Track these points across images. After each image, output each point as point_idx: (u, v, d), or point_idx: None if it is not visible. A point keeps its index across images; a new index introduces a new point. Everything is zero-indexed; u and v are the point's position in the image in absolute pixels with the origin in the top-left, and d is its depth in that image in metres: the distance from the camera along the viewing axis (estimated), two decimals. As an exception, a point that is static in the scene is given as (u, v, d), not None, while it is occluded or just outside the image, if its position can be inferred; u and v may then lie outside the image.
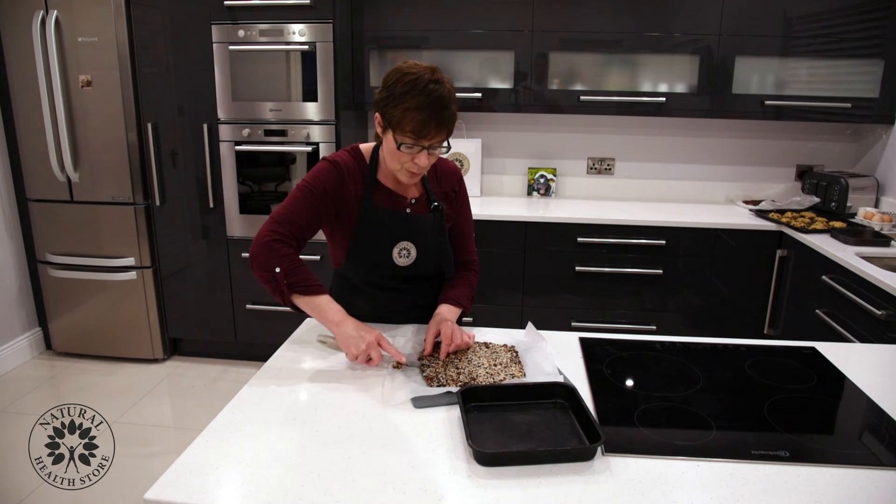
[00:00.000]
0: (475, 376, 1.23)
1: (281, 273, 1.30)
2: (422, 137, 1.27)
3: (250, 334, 3.16)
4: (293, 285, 1.31)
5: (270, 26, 2.78)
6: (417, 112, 1.25)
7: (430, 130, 1.27)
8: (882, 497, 0.90)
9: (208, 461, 0.96)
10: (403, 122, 1.26)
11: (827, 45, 2.84)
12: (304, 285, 1.32)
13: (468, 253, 1.60)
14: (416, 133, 1.26)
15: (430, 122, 1.25)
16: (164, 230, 3.08)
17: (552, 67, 2.99)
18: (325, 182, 1.39)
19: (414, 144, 1.29)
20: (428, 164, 1.33)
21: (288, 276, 1.31)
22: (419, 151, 1.30)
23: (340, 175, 1.40)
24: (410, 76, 1.26)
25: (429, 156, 1.32)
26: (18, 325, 3.23)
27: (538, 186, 3.38)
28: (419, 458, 0.98)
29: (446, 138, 1.31)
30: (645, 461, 0.98)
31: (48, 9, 2.79)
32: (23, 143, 3.00)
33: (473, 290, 1.56)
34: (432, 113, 1.25)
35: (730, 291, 2.85)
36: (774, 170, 3.30)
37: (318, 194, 1.38)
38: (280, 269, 1.30)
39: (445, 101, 1.26)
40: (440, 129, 1.28)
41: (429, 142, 1.29)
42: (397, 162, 1.34)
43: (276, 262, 1.31)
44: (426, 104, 1.25)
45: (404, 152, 1.30)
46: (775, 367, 1.35)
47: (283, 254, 1.32)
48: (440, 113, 1.26)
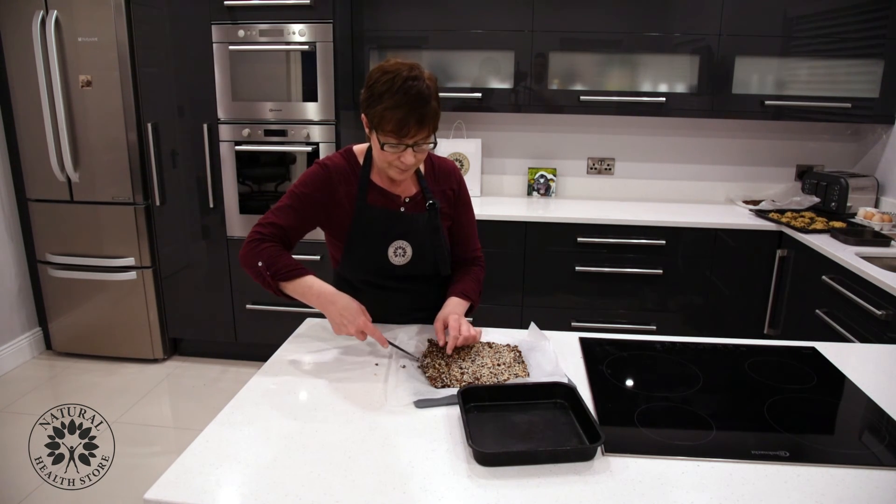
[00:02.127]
0: (479, 376, 1.23)
1: (263, 266, 1.35)
2: (403, 136, 1.27)
3: (250, 334, 3.16)
4: (276, 274, 1.35)
5: (270, 26, 2.78)
6: (396, 111, 1.25)
7: (411, 129, 1.27)
8: (882, 497, 0.90)
9: (208, 461, 0.96)
10: (383, 122, 1.27)
11: (827, 45, 2.84)
12: (285, 272, 1.35)
13: (473, 250, 1.60)
14: (397, 133, 1.27)
15: (408, 120, 1.25)
16: (164, 230, 3.08)
17: (552, 67, 2.99)
18: (312, 187, 1.42)
19: (397, 144, 1.29)
20: (416, 160, 1.33)
21: (270, 268, 1.35)
22: (403, 150, 1.30)
23: (329, 178, 1.42)
24: (388, 75, 1.26)
25: (415, 153, 1.31)
26: (18, 325, 3.23)
27: (538, 186, 3.38)
28: (419, 458, 0.98)
29: (430, 134, 1.31)
30: (645, 461, 0.98)
31: (48, 9, 2.79)
32: (23, 143, 3.00)
33: (481, 284, 1.56)
34: (410, 111, 1.25)
35: (730, 291, 2.85)
36: (774, 170, 3.30)
37: (304, 200, 1.42)
38: (262, 263, 1.35)
39: (424, 97, 1.26)
40: (421, 127, 1.27)
41: (411, 139, 1.29)
42: (384, 161, 1.34)
43: (257, 258, 1.36)
44: (404, 102, 1.24)
45: (389, 152, 1.31)
46: (775, 367, 1.35)
47: (262, 248, 1.37)
48: (419, 110, 1.25)
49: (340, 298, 1.33)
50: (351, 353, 1.38)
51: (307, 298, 1.35)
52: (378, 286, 1.50)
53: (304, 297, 1.36)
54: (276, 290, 1.37)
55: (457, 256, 1.57)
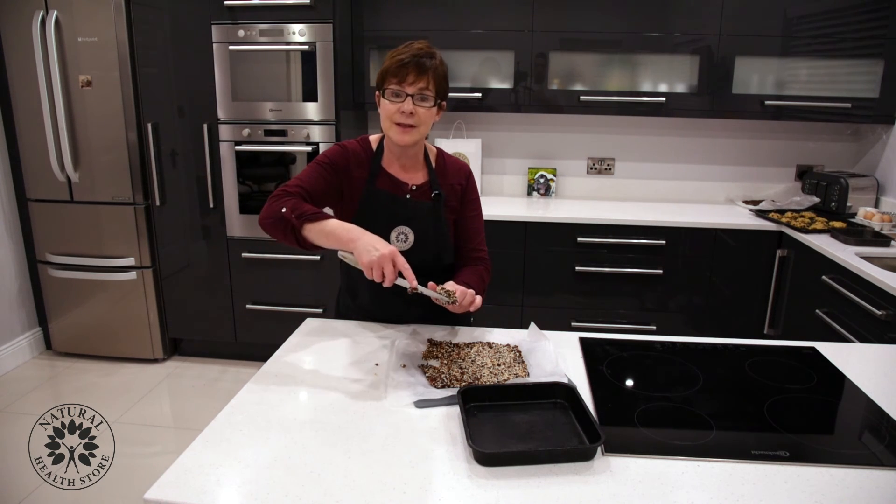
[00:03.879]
0: (479, 376, 1.23)
1: (287, 210, 1.33)
2: (402, 81, 1.36)
3: (250, 334, 3.16)
4: (301, 216, 1.32)
5: (270, 26, 2.78)
6: (398, 58, 1.36)
7: (409, 74, 1.35)
8: (882, 497, 0.90)
9: (208, 461, 0.96)
10: (387, 73, 1.37)
11: (827, 45, 2.84)
12: (310, 214, 1.32)
13: (479, 250, 1.61)
14: (396, 76, 1.36)
15: (409, 65, 1.34)
16: (164, 230, 3.08)
17: (552, 67, 2.99)
18: (335, 158, 1.48)
19: (398, 91, 1.37)
20: (417, 116, 1.38)
21: (294, 211, 1.32)
22: (404, 100, 1.37)
23: (348, 157, 1.50)
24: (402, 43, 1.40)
25: (415, 105, 1.37)
26: (18, 325, 3.23)
27: (538, 186, 3.38)
28: (419, 458, 0.97)
29: (429, 87, 1.38)
30: (645, 461, 0.98)
31: (48, 9, 2.79)
32: (23, 143, 3.00)
33: (485, 283, 1.58)
34: (412, 58, 1.35)
35: (730, 291, 2.85)
36: (774, 170, 3.30)
37: (327, 166, 1.47)
38: (286, 209, 1.33)
39: (428, 54, 1.37)
40: (419, 75, 1.36)
41: (410, 87, 1.36)
42: (388, 119, 1.40)
43: (281, 206, 1.34)
44: (406, 52, 1.37)
45: (390, 101, 1.38)
46: (775, 367, 1.35)
47: (285, 200, 1.36)
48: (420, 60, 1.35)
49: (369, 234, 1.28)
50: (351, 352, 1.38)
51: (336, 235, 1.29)
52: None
53: (331, 236, 1.30)
54: (299, 238, 1.33)
55: (462, 254, 1.59)
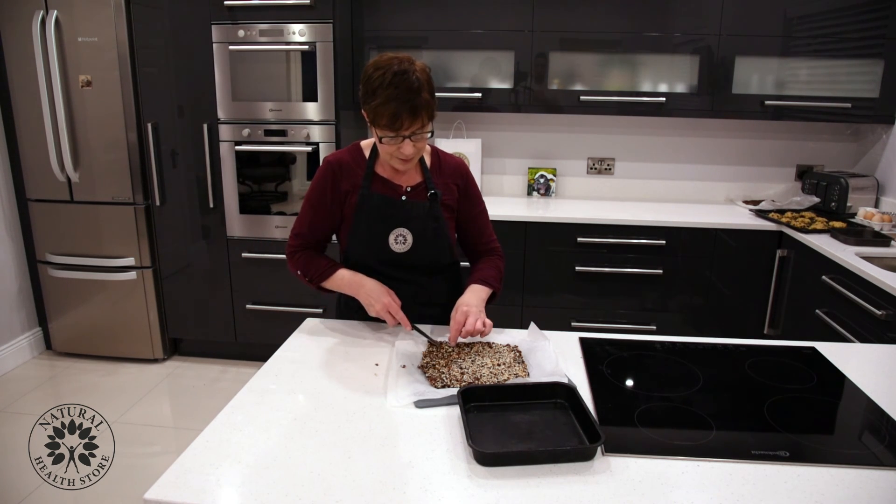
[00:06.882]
0: (479, 376, 1.23)
1: (301, 274, 1.55)
2: (398, 129, 1.32)
3: (250, 334, 3.16)
4: (313, 279, 1.53)
5: (270, 26, 2.78)
6: (388, 106, 1.29)
7: (404, 121, 1.31)
8: (882, 497, 0.90)
9: (208, 461, 0.96)
10: (378, 117, 1.32)
11: (827, 45, 2.84)
12: (319, 273, 1.52)
13: (489, 241, 1.63)
14: (391, 126, 1.32)
15: (401, 113, 1.29)
16: (164, 230, 3.08)
17: (552, 67, 2.99)
18: (320, 186, 1.51)
19: (394, 136, 1.34)
20: (415, 150, 1.37)
21: (307, 274, 1.53)
22: (401, 141, 1.35)
23: (334, 174, 1.50)
24: (379, 71, 1.31)
25: (413, 143, 1.36)
26: (18, 325, 3.23)
27: (538, 186, 3.38)
28: (419, 458, 0.98)
29: (425, 124, 1.35)
30: (645, 461, 0.98)
31: (48, 9, 2.79)
32: (23, 143, 3.00)
33: (501, 272, 1.60)
34: (402, 104, 1.29)
35: (730, 291, 2.85)
36: (774, 170, 3.30)
37: (316, 203, 1.52)
38: (300, 272, 1.54)
39: (415, 89, 1.29)
40: (414, 118, 1.32)
41: (407, 131, 1.33)
42: (386, 153, 1.41)
43: (295, 268, 1.55)
44: (395, 96, 1.28)
45: (387, 144, 1.36)
46: (775, 367, 1.35)
47: (296, 259, 1.55)
48: (410, 102, 1.29)
49: (368, 282, 1.48)
50: (351, 353, 1.38)
51: (342, 288, 1.52)
52: (380, 274, 1.53)
53: (340, 288, 1.52)
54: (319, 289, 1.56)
55: (474, 249, 1.63)
